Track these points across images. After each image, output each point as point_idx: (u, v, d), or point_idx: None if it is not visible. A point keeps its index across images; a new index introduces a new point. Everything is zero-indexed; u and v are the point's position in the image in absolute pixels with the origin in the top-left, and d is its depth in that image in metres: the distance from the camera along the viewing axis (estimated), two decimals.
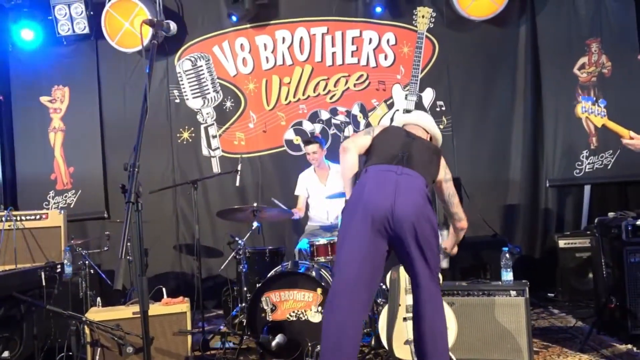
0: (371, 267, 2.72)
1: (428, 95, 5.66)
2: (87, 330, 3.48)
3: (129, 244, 4.37)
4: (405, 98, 5.67)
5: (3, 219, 4.20)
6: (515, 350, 3.40)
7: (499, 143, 5.63)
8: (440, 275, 2.94)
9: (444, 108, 5.67)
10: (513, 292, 3.44)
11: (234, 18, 5.73)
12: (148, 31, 2.34)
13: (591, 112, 3.16)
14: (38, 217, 4.34)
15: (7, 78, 5.99)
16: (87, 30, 5.70)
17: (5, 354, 3.67)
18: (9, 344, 3.61)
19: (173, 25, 2.33)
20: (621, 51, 5.34)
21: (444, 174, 3.01)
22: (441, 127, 5.61)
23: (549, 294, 5.14)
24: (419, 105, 5.65)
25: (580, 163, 5.46)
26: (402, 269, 3.42)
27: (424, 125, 3.16)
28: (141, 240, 1.86)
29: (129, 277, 5.00)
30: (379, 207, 2.67)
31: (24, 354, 3.88)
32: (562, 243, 5.01)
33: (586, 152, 5.43)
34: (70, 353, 3.72)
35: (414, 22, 5.67)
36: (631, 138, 2.98)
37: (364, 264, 2.69)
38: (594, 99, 5.38)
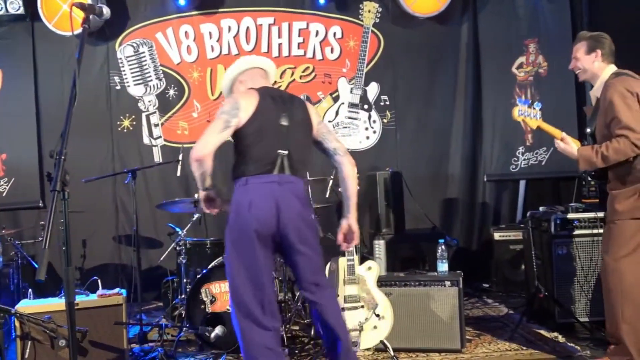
0: (268, 279, 2.73)
1: (373, 89, 5.73)
2: (17, 324, 3.36)
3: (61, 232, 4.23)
4: (351, 91, 5.73)
5: None
6: (449, 339, 3.52)
7: (440, 138, 5.78)
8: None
9: (388, 102, 5.75)
10: (447, 283, 3.55)
11: (182, 2, 5.60)
12: (81, 17, 2.25)
13: (527, 115, 3.28)
14: None
15: None
16: (21, 11, 5.43)
17: None
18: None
19: (106, 10, 2.27)
20: (557, 52, 5.55)
21: (316, 123, 2.86)
22: (385, 121, 5.72)
23: (484, 285, 5.33)
24: (364, 99, 5.71)
25: (516, 159, 5.67)
26: (341, 259, 3.47)
27: (264, 66, 2.97)
28: (67, 229, 1.81)
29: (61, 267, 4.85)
30: (266, 226, 2.61)
31: None
32: (497, 235, 5.21)
33: (522, 149, 5.65)
34: None
35: (360, 16, 5.72)
36: (562, 139, 3.11)
37: (264, 284, 2.66)
38: (530, 101, 5.59)
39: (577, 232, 3.85)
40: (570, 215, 3.89)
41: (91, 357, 3.40)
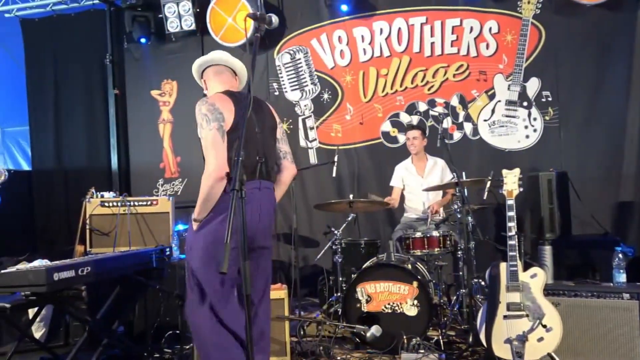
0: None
1: (533, 85, 5.38)
2: None
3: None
4: (508, 88, 5.43)
5: (119, 204, 4.54)
6: (627, 357, 3.17)
7: (612, 135, 5.22)
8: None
9: (550, 98, 5.36)
10: (626, 295, 3.20)
11: (344, 8, 5.74)
12: (250, 25, 2.39)
13: None
14: (149, 203, 4.64)
15: (122, 73, 6.46)
16: (193, 27, 6.01)
17: (121, 329, 3.98)
18: (123, 321, 3.89)
19: (275, 19, 2.38)
20: None
21: (278, 136, 2.91)
22: (547, 118, 5.34)
23: None
24: (523, 96, 5.39)
25: None
26: (502, 265, 3.30)
27: (234, 66, 2.96)
28: (244, 226, 1.93)
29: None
30: (250, 231, 2.49)
31: (136, 331, 4.19)
32: None
33: None
34: (178, 331, 3.97)
35: (518, 8, 5.41)
36: None
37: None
38: None
39: None
40: None
41: None
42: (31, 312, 4.24)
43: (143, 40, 6.23)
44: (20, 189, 6.42)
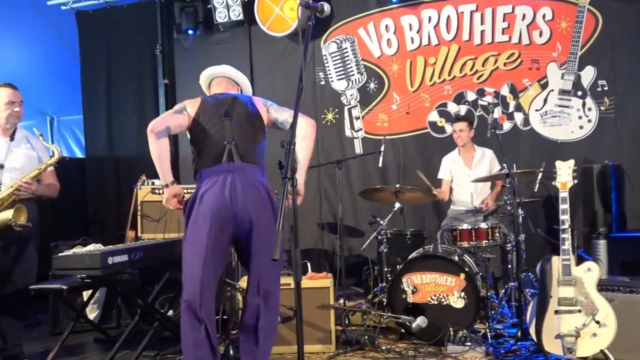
0: (215, 268, 2.78)
1: (588, 74, 5.19)
2: (239, 297, 3.75)
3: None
4: (562, 77, 5.26)
5: None
6: None
7: None
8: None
9: (606, 88, 5.16)
10: None
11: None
12: (297, 14, 2.40)
13: None
14: None
15: (172, 63, 6.59)
16: (241, 17, 6.06)
17: (170, 312, 4.08)
18: (172, 304, 4.00)
19: (327, 7, 2.37)
20: None
21: (265, 112, 3.01)
22: (602, 108, 5.15)
23: None
24: (578, 85, 5.21)
25: None
26: (554, 258, 3.22)
27: (231, 76, 3.18)
28: (295, 213, 1.94)
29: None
30: (221, 215, 2.72)
31: None
32: None
33: None
34: (225, 317, 4.04)
35: None
36: None
37: (207, 268, 2.73)
38: None
39: None
40: None
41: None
42: (85, 294, 4.41)
43: (190, 32, 6.33)
44: (73, 175, 6.63)
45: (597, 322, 3.09)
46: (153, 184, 4.78)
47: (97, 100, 6.77)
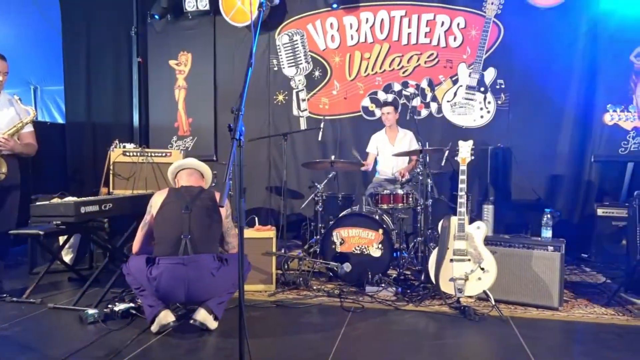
0: None
1: (490, 73, 5.35)
2: None
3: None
4: (469, 75, 5.40)
5: (138, 154, 4.50)
6: (547, 297, 3.27)
7: (551, 120, 5.22)
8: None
9: (503, 86, 5.33)
10: (550, 248, 3.28)
11: (334, 5, 5.63)
12: (256, 5, 2.34)
13: (619, 119, 2.86)
14: (164, 154, 4.60)
15: (145, 45, 6.29)
16: (207, 7, 5.84)
17: None
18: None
19: None
20: None
21: (225, 216, 2.98)
22: (499, 102, 5.33)
23: (583, 254, 4.85)
24: (481, 82, 5.36)
25: (626, 142, 5.00)
26: (452, 218, 3.34)
27: (197, 167, 3.13)
28: (241, 169, 1.91)
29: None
30: (170, 299, 2.82)
31: None
32: (600, 212, 4.69)
33: (633, 132, 4.96)
34: None
35: (483, 7, 5.32)
36: None
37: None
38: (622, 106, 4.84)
39: None
40: None
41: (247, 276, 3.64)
42: (61, 239, 4.24)
43: (156, 17, 6.07)
44: (55, 139, 6.30)
45: (482, 269, 3.25)
46: (124, 147, 4.61)
47: (77, 73, 6.38)
